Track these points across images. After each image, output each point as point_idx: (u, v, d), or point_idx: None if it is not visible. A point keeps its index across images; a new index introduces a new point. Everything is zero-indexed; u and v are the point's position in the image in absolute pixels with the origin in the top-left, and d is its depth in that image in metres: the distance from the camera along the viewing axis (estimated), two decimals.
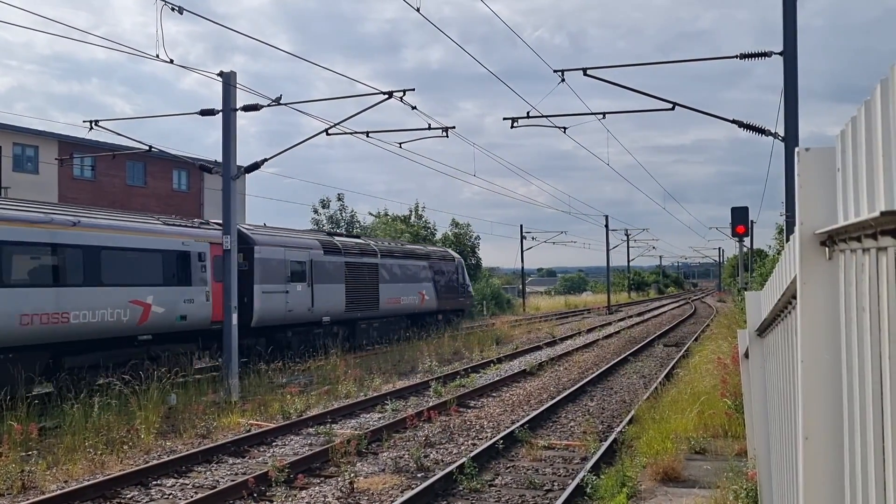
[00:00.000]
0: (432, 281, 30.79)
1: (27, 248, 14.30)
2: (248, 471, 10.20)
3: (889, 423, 1.27)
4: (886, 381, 1.29)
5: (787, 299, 2.86)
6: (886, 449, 1.29)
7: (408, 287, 28.62)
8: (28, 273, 14.39)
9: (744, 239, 28.12)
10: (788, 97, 12.56)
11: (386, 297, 26.80)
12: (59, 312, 14.61)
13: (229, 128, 16.53)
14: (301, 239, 23.20)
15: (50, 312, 14.42)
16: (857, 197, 1.48)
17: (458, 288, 33.60)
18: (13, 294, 13.85)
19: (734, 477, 7.61)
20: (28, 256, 14.41)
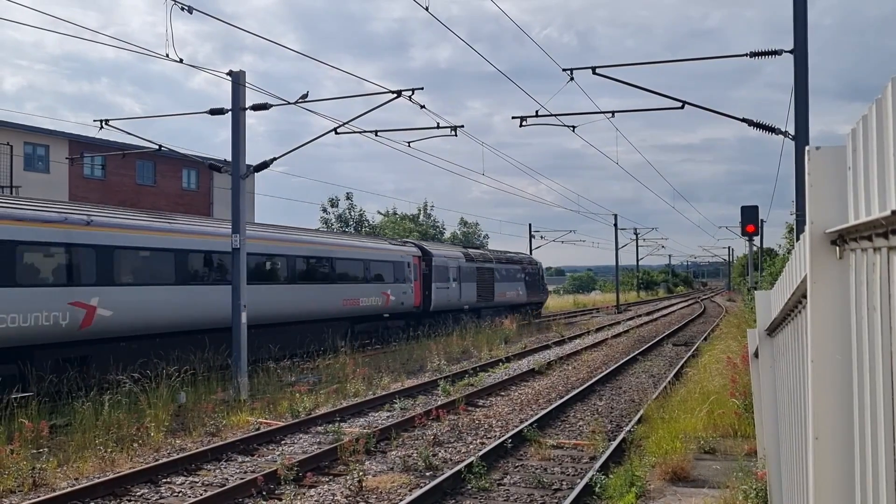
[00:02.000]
0: (524, 281, 40.94)
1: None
2: (257, 469, 10.23)
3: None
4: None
5: (797, 299, 2.85)
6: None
7: (510, 285, 38.85)
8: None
9: (753, 238, 28.00)
10: (799, 95, 12.51)
11: (498, 292, 36.89)
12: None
13: (238, 127, 16.57)
14: (453, 251, 33.81)
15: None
16: (867, 196, 1.47)
17: (539, 286, 44.23)
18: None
19: (744, 477, 7.59)
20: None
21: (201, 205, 38.01)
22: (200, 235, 18.22)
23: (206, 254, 18.38)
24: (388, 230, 53.30)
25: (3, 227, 13.62)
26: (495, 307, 36.41)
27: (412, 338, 26.81)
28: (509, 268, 39.15)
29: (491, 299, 35.93)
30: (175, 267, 17.28)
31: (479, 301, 34.49)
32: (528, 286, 41.52)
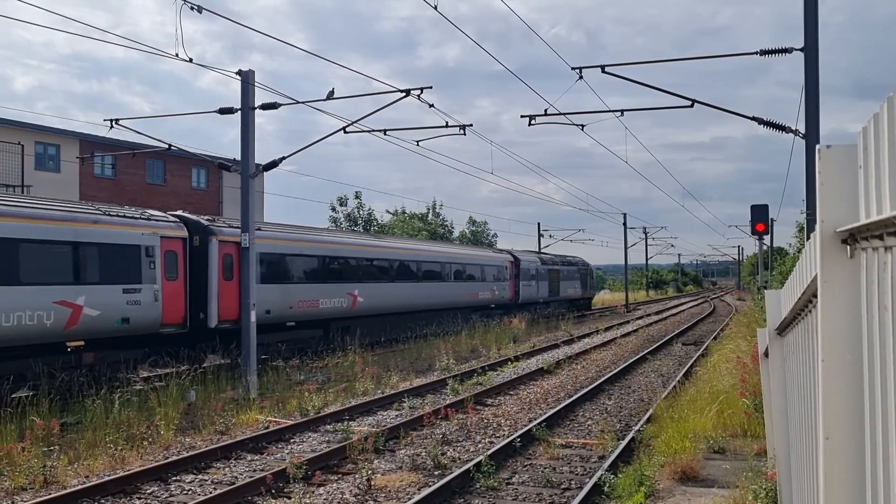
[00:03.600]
0: (579, 279, 49.43)
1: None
2: (266, 467, 10.26)
3: None
4: None
5: (807, 298, 2.84)
6: None
7: (570, 283, 47.51)
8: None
9: (763, 237, 27.89)
10: (809, 94, 12.45)
11: (562, 289, 45.68)
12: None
13: (248, 126, 16.62)
14: (531, 257, 42.11)
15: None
16: (879, 194, 1.46)
17: (589, 284, 52.71)
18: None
19: (753, 477, 7.56)
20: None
21: (211, 204, 38.15)
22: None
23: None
24: (397, 229, 53.34)
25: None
26: (559, 301, 45.35)
27: (504, 320, 34.32)
28: (569, 269, 47.66)
29: (557, 294, 44.72)
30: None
31: (549, 296, 43.22)
32: (582, 284, 50.57)
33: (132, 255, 16.06)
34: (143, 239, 16.37)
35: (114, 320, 15.44)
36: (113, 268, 15.58)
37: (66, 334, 14.54)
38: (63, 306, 14.36)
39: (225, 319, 18.11)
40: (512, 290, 38.00)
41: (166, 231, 17.20)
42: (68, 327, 14.44)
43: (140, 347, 16.59)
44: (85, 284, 14.92)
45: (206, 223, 18.58)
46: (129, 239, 16.04)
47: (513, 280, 38.19)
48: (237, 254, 18.01)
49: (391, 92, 16.86)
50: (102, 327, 15.19)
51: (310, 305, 21.60)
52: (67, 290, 14.49)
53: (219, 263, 18.24)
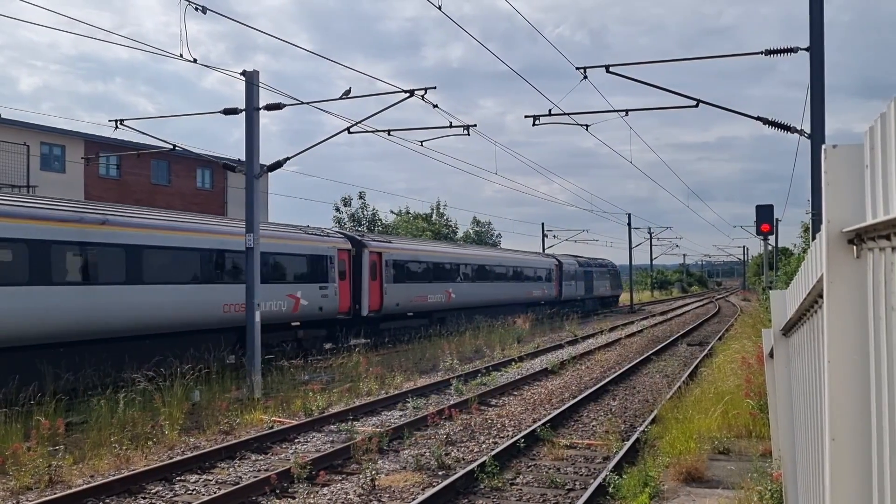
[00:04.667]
0: (608, 279, 55.27)
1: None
2: (271, 467, 10.27)
3: None
4: None
5: (813, 298, 2.83)
6: None
7: (601, 283, 53.31)
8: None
9: (769, 237, 27.81)
10: (815, 93, 12.40)
11: (595, 288, 51.44)
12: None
13: (252, 127, 16.63)
14: (570, 259, 47.83)
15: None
16: (886, 194, 1.45)
17: (617, 283, 58.84)
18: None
19: (759, 478, 7.54)
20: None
21: (216, 204, 38.20)
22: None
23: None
24: (402, 229, 53.35)
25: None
26: (593, 298, 51.54)
27: (552, 316, 39.87)
28: (600, 270, 53.70)
29: (592, 293, 50.76)
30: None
31: (585, 294, 49.38)
32: (611, 283, 56.56)
33: (324, 262, 22.31)
34: (328, 251, 22.64)
35: (315, 308, 21.70)
36: (314, 271, 21.84)
37: (292, 317, 20.92)
38: (291, 298, 20.70)
39: (372, 310, 24.79)
40: (557, 288, 44.76)
41: (339, 244, 23.53)
42: (293, 312, 20.86)
43: (325, 328, 22.94)
44: (301, 283, 21.16)
45: (359, 238, 25.39)
46: (322, 251, 22.36)
47: (557, 281, 44.71)
48: (379, 260, 25.18)
49: (395, 92, 16.87)
50: (309, 313, 21.50)
51: (422, 300, 28.32)
52: (293, 287, 20.86)
53: (368, 268, 24.59)
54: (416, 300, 27.88)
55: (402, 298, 26.63)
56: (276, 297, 19.98)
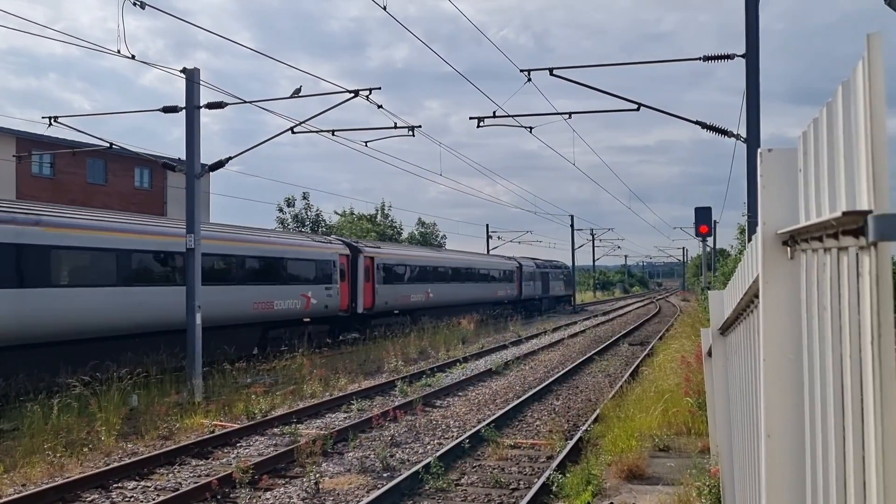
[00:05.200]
0: (563, 280, 59.43)
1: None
2: (212, 472, 10.08)
3: (850, 421, 1.29)
4: (847, 379, 1.30)
5: (749, 298, 2.90)
6: (847, 446, 1.31)
7: (556, 283, 57.22)
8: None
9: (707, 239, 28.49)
10: (750, 99, 12.75)
11: (551, 288, 55.51)
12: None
13: (193, 125, 16.31)
14: (529, 262, 51.50)
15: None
16: (818, 197, 1.50)
17: (570, 283, 62.95)
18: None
19: (697, 474, 7.70)
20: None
21: (155, 204, 37.34)
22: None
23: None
24: (346, 230, 53.03)
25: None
26: (549, 297, 55.13)
27: (510, 314, 43.64)
28: (555, 271, 57.52)
29: (548, 292, 54.51)
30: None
31: (542, 293, 53.09)
32: (565, 284, 60.74)
33: (329, 266, 25.49)
34: (332, 256, 25.86)
35: (322, 306, 24.80)
36: (321, 274, 24.93)
37: (304, 313, 23.88)
38: (304, 297, 23.70)
39: (365, 308, 27.92)
40: (518, 288, 48.17)
41: (340, 250, 26.84)
42: (305, 309, 23.84)
43: (327, 324, 26.24)
44: (311, 284, 24.23)
45: (355, 244, 28.81)
46: (328, 256, 25.60)
47: (518, 281, 48.12)
48: (371, 265, 28.44)
49: (340, 92, 16.76)
50: (317, 310, 24.52)
51: (406, 299, 31.52)
52: (305, 288, 23.81)
53: (363, 271, 27.78)
54: (401, 299, 31.22)
55: (389, 298, 29.99)
56: (292, 296, 23.11)
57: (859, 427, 1.22)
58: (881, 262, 1.12)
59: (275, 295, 22.17)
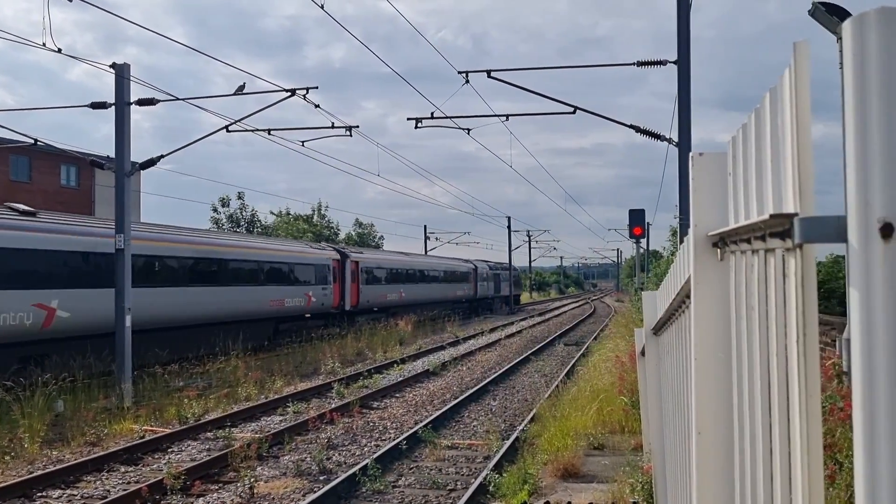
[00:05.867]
0: (511, 281, 62.07)
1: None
2: (142, 479, 9.81)
3: (776, 417, 1.32)
4: (774, 377, 1.34)
5: (681, 299, 2.96)
6: (774, 441, 1.34)
7: (506, 284, 60.65)
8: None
9: (640, 240, 29.11)
10: (682, 104, 13.06)
11: (501, 288, 59.42)
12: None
13: (123, 122, 15.86)
14: (483, 264, 55.88)
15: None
16: (747, 200, 1.54)
17: (518, 284, 67.71)
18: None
19: (630, 471, 7.85)
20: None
21: (82, 203, 36.15)
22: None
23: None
24: (282, 230, 52.33)
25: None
26: (500, 296, 59.20)
27: (470, 311, 50.92)
28: (504, 273, 61.30)
29: (499, 292, 58.80)
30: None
31: (494, 293, 57.27)
32: (514, 284, 64.42)
33: (325, 269, 29.38)
34: (327, 260, 29.82)
35: (319, 304, 28.59)
36: (320, 276, 28.80)
37: (306, 310, 27.80)
38: (305, 296, 27.46)
39: (352, 305, 31.92)
40: (474, 288, 52.48)
41: (333, 255, 30.78)
42: (307, 306, 27.72)
43: (323, 319, 29.63)
44: (311, 285, 28.01)
45: (343, 250, 32.95)
46: (324, 261, 29.57)
47: (474, 282, 52.30)
48: (356, 268, 32.44)
49: (276, 91, 16.54)
50: (316, 307, 28.44)
51: (383, 298, 35.66)
52: (307, 288, 27.60)
53: (350, 274, 31.76)
54: (380, 298, 35.29)
55: (371, 297, 34.05)
56: (298, 295, 26.92)
57: (785, 423, 1.26)
58: (806, 264, 1.15)
59: (285, 294, 26.16)
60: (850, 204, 0.89)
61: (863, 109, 0.87)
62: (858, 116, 0.87)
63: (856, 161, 0.88)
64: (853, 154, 0.88)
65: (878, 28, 0.85)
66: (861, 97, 0.87)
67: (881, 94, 0.85)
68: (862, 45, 0.86)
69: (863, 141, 0.87)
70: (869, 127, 0.86)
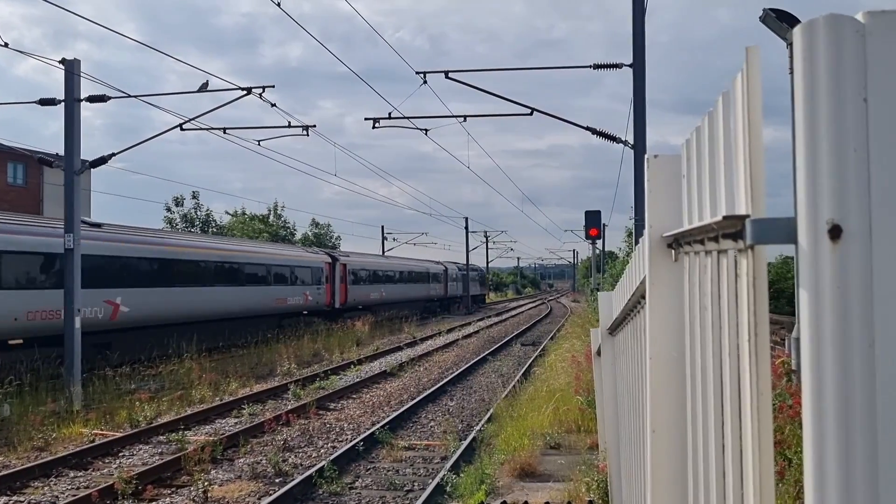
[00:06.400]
0: (479, 281, 68.12)
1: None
2: (92, 484, 9.60)
3: (728, 415, 1.35)
4: (726, 376, 1.36)
5: (636, 299, 3.00)
6: (726, 438, 1.37)
7: (474, 284, 64.99)
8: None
9: (596, 241, 29.41)
10: (637, 107, 13.24)
11: (470, 288, 62.44)
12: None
13: (73, 119, 15.50)
14: (453, 266, 60.22)
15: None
16: (700, 202, 1.56)
17: (484, 284, 73.48)
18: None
19: (586, 469, 7.92)
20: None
21: (29, 202, 35.22)
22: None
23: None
24: (237, 231, 51.68)
25: None
26: (469, 296, 62.10)
27: (440, 309, 55.22)
28: (473, 273, 65.70)
29: (468, 291, 62.03)
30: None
31: (463, 292, 61.26)
32: (480, 284, 70.06)
33: (320, 271, 33.61)
34: (321, 263, 33.95)
35: (314, 302, 32.61)
36: (314, 278, 32.79)
37: (304, 307, 31.74)
38: (304, 294, 31.44)
39: (341, 303, 36.02)
40: (445, 288, 56.46)
41: (325, 258, 34.95)
42: (305, 304, 31.64)
43: (316, 316, 33.19)
44: (308, 285, 32.05)
45: (333, 254, 37.66)
46: (319, 264, 33.73)
47: (445, 282, 56.28)
48: (344, 270, 36.61)
49: (232, 89, 16.33)
50: (312, 305, 32.50)
51: (366, 297, 39.98)
52: (305, 288, 31.62)
53: (339, 275, 35.97)
54: (364, 297, 39.66)
55: (357, 296, 38.42)
56: (298, 294, 30.99)
57: (737, 420, 1.28)
58: (757, 264, 1.18)
59: (288, 294, 30.20)
60: (800, 206, 0.91)
61: (812, 113, 0.89)
62: (808, 120, 0.89)
63: (805, 164, 0.89)
64: (803, 157, 0.90)
65: (827, 34, 0.87)
66: (810, 101, 0.89)
67: (830, 98, 0.87)
68: (811, 51, 0.88)
69: (812, 144, 0.89)
70: (818, 130, 0.88)
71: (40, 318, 16.75)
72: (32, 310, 16.64)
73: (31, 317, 16.66)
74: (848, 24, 0.87)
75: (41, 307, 16.70)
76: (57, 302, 15.98)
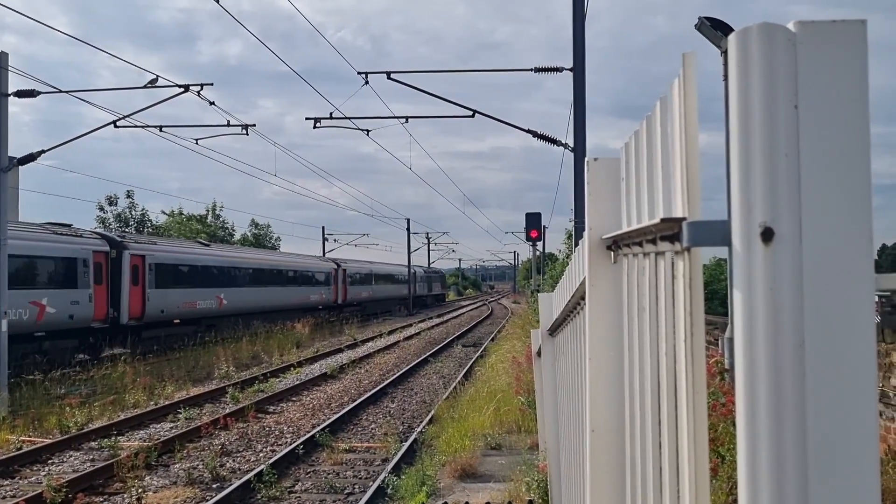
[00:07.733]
0: (440, 282, 77.86)
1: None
2: (19, 493, 9.27)
3: (665, 414, 1.37)
4: (663, 376, 1.39)
5: (576, 300, 3.03)
6: (662, 436, 1.39)
7: (434, 285, 75.04)
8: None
9: (537, 243, 29.72)
10: (577, 110, 13.42)
11: (432, 289, 74.66)
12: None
13: (0, 115, 14.94)
14: (420, 268, 70.88)
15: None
16: (639, 204, 1.59)
17: (444, 285, 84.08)
18: None
19: (527, 469, 7.98)
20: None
21: None
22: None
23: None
24: (175, 231, 50.58)
25: None
26: (432, 295, 72.39)
27: (413, 305, 61.08)
28: (433, 275, 75.27)
29: (431, 292, 71.76)
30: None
31: (427, 293, 69.87)
32: (441, 285, 79.65)
33: (329, 275, 42.53)
34: (329, 269, 43.04)
35: (327, 299, 41.80)
36: (326, 280, 42.20)
37: (320, 303, 40.82)
38: (320, 293, 41.00)
39: (342, 301, 44.50)
40: (414, 288, 63.01)
41: (331, 265, 43.82)
42: (321, 300, 41.09)
43: (322, 312, 40.39)
44: (323, 286, 41.62)
45: (335, 260, 46.23)
46: (326, 269, 42.58)
47: (410, 283, 61.55)
48: (344, 274, 45.09)
49: (169, 87, 15.98)
50: (325, 301, 41.86)
51: (358, 295, 48.06)
52: (321, 288, 41.44)
53: (341, 278, 44.76)
54: (357, 295, 47.99)
55: (353, 294, 47.05)
56: (316, 293, 39.74)
57: (673, 418, 1.31)
58: (694, 266, 1.20)
59: (311, 292, 39.41)
60: (734, 209, 0.93)
61: (745, 119, 0.91)
62: (742, 125, 0.91)
63: (739, 169, 0.92)
64: (736, 161, 0.92)
65: (760, 41, 0.90)
66: (744, 107, 0.91)
67: (762, 105, 0.90)
68: (745, 58, 0.91)
69: (745, 149, 0.91)
70: (751, 136, 0.91)
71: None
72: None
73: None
74: (780, 32, 0.89)
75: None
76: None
